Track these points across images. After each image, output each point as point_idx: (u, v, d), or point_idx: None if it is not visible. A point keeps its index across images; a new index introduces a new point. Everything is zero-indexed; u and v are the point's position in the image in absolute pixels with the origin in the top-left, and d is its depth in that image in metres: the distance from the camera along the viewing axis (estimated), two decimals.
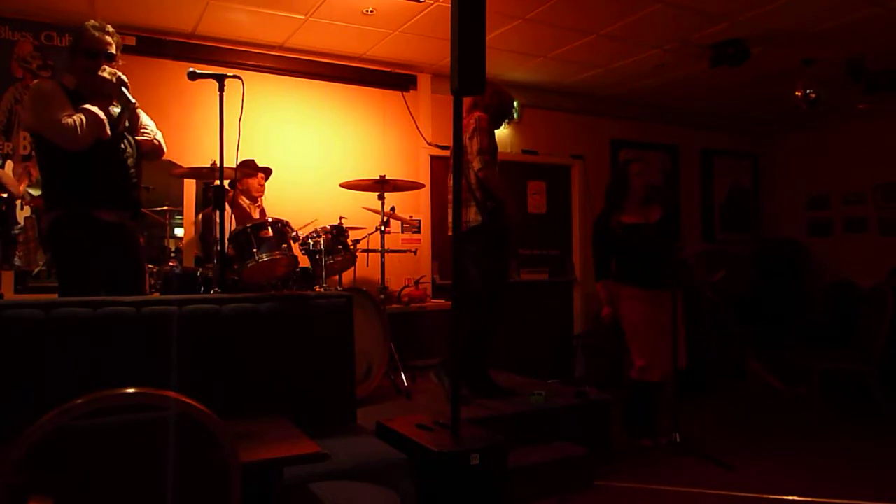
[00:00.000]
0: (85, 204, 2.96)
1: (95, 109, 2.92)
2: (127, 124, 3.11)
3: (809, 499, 3.39)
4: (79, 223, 2.95)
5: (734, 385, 6.12)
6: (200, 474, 1.34)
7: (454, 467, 2.68)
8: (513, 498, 3.19)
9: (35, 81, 3.00)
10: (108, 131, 2.97)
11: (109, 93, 2.99)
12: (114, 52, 3.02)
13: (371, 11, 4.57)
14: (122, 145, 3.09)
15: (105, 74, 2.94)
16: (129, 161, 3.12)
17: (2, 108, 4.47)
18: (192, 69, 3.11)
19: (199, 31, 4.91)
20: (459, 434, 2.83)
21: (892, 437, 4.52)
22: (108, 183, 3.01)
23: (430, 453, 2.69)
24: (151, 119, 3.30)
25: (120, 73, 3.00)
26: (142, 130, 3.20)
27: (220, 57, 5.02)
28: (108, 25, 3.04)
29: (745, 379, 6.20)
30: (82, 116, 2.87)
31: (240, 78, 3.15)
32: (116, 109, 3.04)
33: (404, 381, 4.13)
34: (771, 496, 3.41)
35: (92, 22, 3.01)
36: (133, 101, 3.04)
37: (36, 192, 4.00)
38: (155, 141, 3.25)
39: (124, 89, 3.00)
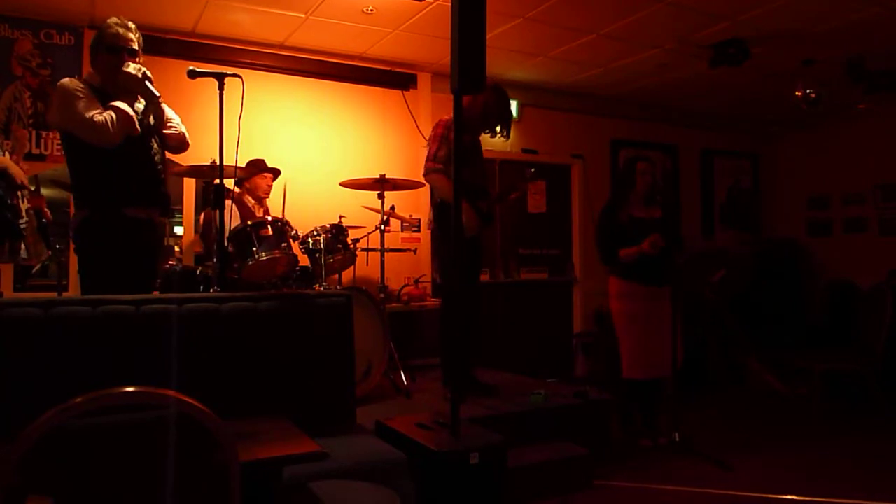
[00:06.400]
0: (115, 202, 2.95)
1: (124, 106, 2.91)
2: (152, 120, 3.10)
3: (808, 498, 3.39)
4: (109, 222, 2.94)
5: (734, 385, 6.12)
6: (200, 474, 1.34)
7: (454, 466, 2.67)
8: (512, 497, 3.19)
9: (62, 81, 2.96)
10: (138, 127, 2.97)
11: (134, 88, 2.97)
12: (136, 48, 3.01)
13: (371, 10, 4.56)
14: (149, 141, 3.09)
15: (130, 70, 2.93)
16: (157, 157, 3.12)
17: (1, 106, 4.47)
18: (191, 67, 3.09)
19: (199, 29, 4.90)
20: (459, 433, 2.83)
21: (892, 436, 4.52)
22: (138, 180, 3.01)
23: (430, 452, 2.68)
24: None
25: (144, 69, 2.98)
26: (168, 124, 3.19)
27: (220, 55, 5.02)
28: (130, 22, 3.02)
29: (745, 379, 6.20)
30: (112, 114, 2.86)
31: (240, 76, 3.13)
32: (140, 105, 3.04)
33: (404, 380, 4.13)
34: (770, 496, 3.41)
35: (114, 19, 3.00)
36: (157, 94, 3.02)
37: (32, 187, 3.99)
38: (181, 134, 3.25)
39: (148, 84, 2.97)
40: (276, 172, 4.72)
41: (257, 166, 4.60)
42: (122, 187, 2.96)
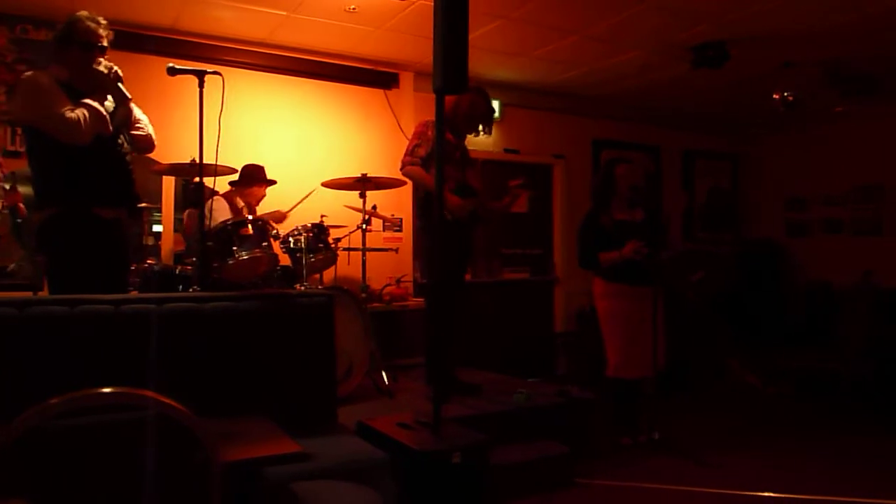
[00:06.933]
0: (84, 201, 2.89)
1: (96, 104, 2.87)
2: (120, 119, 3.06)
3: (787, 495, 3.43)
4: (76, 221, 2.88)
5: (714, 384, 6.18)
6: (180, 474, 1.33)
7: (436, 466, 2.67)
8: (495, 496, 3.19)
9: (26, 73, 2.92)
10: (111, 126, 2.93)
11: (104, 87, 2.93)
12: (106, 45, 2.96)
13: (354, 9, 4.55)
14: (119, 140, 3.05)
15: (101, 68, 2.88)
16: (127, 157, 3.08)
17: None
18: (171, 64, 3.06)
19: (178, 25, 4.85)
20: (441, 433, 2.83)
21: (868, 434, 4.59)
22: (108, 179, 2.97)
23: (412, 452, 2.68)
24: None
25: (116, 68, 2.93)
26: (136, 125, 3.15)
27: (200, 52, 4.96)
28: (101, 18, 2.97)
29: (725, 378, 6.26)
30: (85, 111, 2.81)
31: (220, 74, 3.10)
32: (110, 104, 2.99)
33: (385, 380, 4.12)
34: (748, 493, 3.45)
35: (85, 13, 2.94)
36: (128, 95, 2.99)
37: (6, 185, 3.92)
38: (149, 135, 3.21)
39: (119, 84, 2.94)
40: (272, 183, 4.71)
41: (255, 176, 4.56)
42: (93, 186, 2.91)
